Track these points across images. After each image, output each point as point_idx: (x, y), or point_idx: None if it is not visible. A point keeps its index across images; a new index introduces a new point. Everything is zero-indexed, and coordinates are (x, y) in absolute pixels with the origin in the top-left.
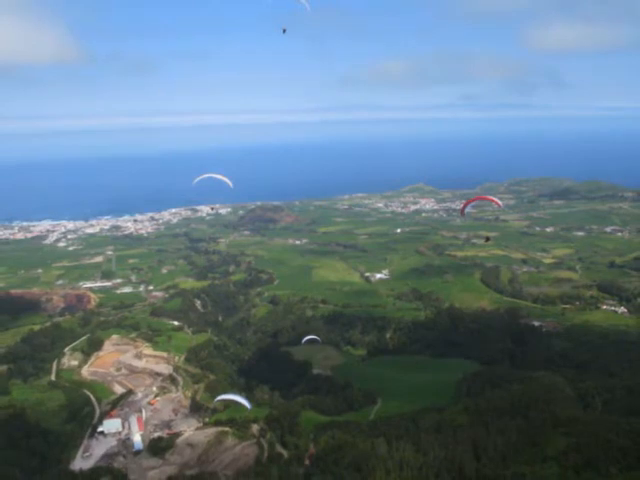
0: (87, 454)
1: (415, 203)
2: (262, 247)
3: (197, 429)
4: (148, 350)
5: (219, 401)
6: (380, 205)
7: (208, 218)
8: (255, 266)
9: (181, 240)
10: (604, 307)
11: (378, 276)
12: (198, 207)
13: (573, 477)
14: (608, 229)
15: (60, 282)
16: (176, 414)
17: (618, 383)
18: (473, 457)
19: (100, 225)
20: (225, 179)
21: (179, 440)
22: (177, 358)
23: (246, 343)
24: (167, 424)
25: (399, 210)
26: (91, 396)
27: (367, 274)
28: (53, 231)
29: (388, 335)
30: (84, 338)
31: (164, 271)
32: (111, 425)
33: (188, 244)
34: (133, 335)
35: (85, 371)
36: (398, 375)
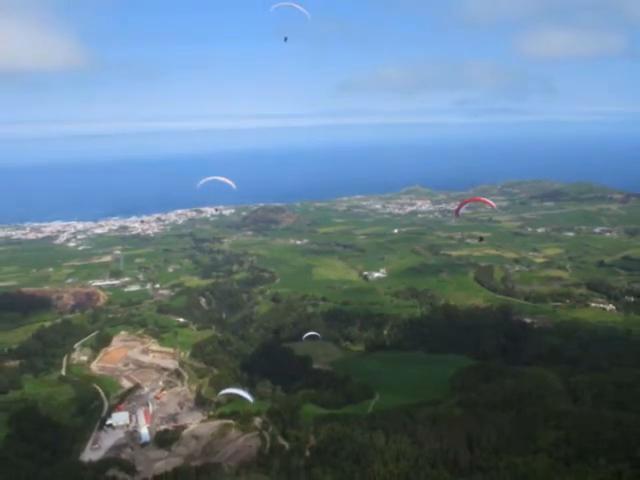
0: (96, 446)
1: (412, 204)
2: (264, 247)
3: (202, 422)
4: (155, 346)
5: (223, 395)
6: (378, 206)
7: (212, 219)
8: (257, 265)
9: (186, 240)
10: (593, 305)
11: (376, 275)
12: (203, 208)
13: (563, 468)
14: (597, 229)
15: (70, 280)
16: (181, 407)
17: (607, 378)
18: (467, 449)
19: (108, 226)
20: (228, 181)
21: (184, 432)
22: (182, 354)
23: (249, 339)
24: (173, 417)
25: (396, 211)
26: (100, 390)
27: (365, 273)
28: (63, 231)
29: (385, 331)
30: (93, 334)
31: (170, 270)
32: (119, 418)
33: (193, 244)
34: (140, 331)
35: (94, 366)
36: (395, 370)
